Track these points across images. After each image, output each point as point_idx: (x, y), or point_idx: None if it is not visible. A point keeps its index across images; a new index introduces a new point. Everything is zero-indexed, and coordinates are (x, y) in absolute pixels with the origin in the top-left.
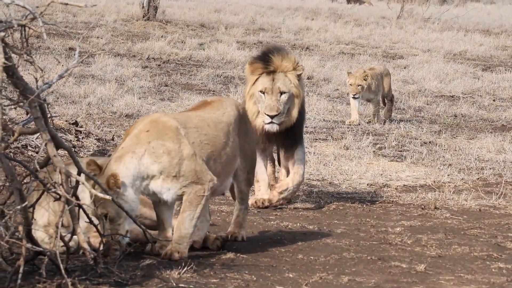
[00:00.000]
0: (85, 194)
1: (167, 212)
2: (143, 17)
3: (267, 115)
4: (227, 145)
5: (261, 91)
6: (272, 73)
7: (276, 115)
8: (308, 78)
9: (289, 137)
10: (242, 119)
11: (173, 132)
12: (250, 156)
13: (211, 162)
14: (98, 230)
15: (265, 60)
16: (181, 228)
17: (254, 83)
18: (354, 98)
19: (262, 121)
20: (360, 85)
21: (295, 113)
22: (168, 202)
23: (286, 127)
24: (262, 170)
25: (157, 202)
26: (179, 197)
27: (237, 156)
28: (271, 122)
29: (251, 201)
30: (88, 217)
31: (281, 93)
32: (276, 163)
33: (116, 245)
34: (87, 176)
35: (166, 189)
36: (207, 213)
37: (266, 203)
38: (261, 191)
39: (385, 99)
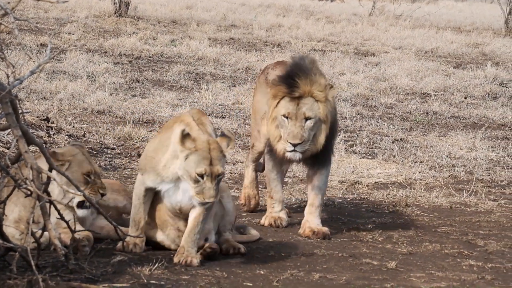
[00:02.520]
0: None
1: None
2: (115, 13)
3: (290, 143)
4: None
5: (284, 116)
6: (298, 97)
7: (299, 143)
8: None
9: (313, 161)
10: None
11: None
12: None
13: None
14: (69, 226)
15: (290, 84)
16: (195, 232)
17: (276, 105)
18: None
19: (283, 148)
20: None
21: (321, 139)
22: None
23: (311, 154)
24: (278, 188)
25: None
26: None
27: None
28: (294, 150)
29: (267, 220)
30: (59, 213)
31: (307, 119)
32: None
33: (84, 241)
34: (58, 172)
35: None
36: None
37: (284, 223)
38: (275, 209)
39: None
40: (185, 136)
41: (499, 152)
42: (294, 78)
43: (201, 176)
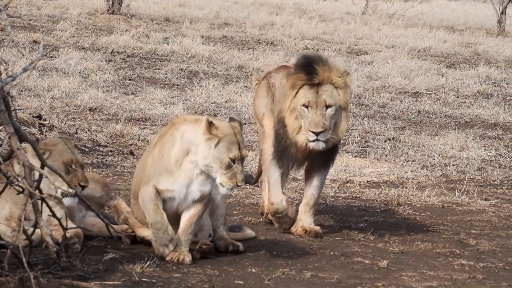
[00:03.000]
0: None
1: None
2: (108, 10)
3: (312, 132)
4: None
5: (303, 105)
6: (317, 85)
7: (322, 132)
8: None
9: (324, 156)
10: None
11: None
12: None
13: None
14: (60, 223)
15: (309, 71)
16: (188, 232)
17: (295, 96)
18: None
19: (305, 138)
20: None
21: (343, 128)
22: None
23: (333, 144)
24: (279, 191)
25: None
26: None
27: None
28: (317, 140)
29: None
30: (51, 210)
31: (327, 106)
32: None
33: (74, 238)
34: (51, 169)
35: None
36: None
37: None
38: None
39: None
40: (210, 124)
41: (491, 152)
42: (312, 65)
43: (233, 160)
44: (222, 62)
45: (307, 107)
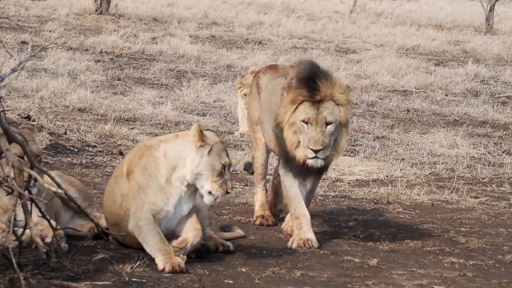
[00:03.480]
0: None
1: None
2: (96, 11)
3: (311, 149)
4: None
5: (303, 121)
6: (318, 102)
7: (321, 149)
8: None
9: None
10: None
11: None
12: None
13: None
14: (50, 224)
15: (312, 87)
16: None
17: (294, 110)
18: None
19: (304, 155)
20: None
21: (343, 144)
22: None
23: (332, 160)
24: (301, 205)
25: None
26: None
27: None
28: (315, 157)
29: (295, 243)
30: (40, 211)
31: (327, 123)
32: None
33: (58, 238)
34: (40, 170)
35: None
36: None
37: (315, 245)
38: (303, 229)
39: None
40: (201, 132)
41: (480, 149)
42: (315, 81)
43: (224, 167)
44: (210, 62)
45: (306, 123)
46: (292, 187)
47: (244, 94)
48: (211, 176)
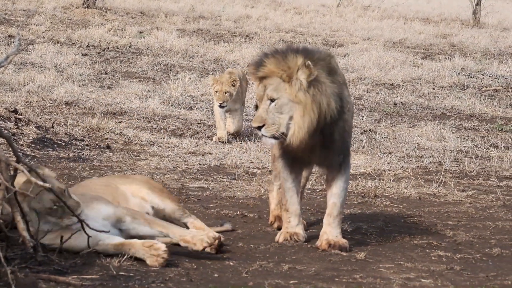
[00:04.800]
0: None
1: None
2: (83, 4)
3: (254, 127)
4: None
5: (258, 101)
6: (265, 78)
7: (260, 126)
8: (248, 66)
9: (326, 163)
10: None
11: None
12: None
13: None
14: (26, 222)
15: (257, 64)
16: None
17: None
18: (221, 107)
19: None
20: (228, 91)
21: (301, 123)
22: None
23: (300, 140)
24: (294, 200)
25: None
26: None
27: None
28: (263, 136)
29: (282, 236)
30: (20, 207)
31: (271, 100)
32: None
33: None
34: (26, 165)
35: None
36: None
37: (301, 239)
38: (291, 224)
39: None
40: None
41: (468, 143)
42: (262, 57)
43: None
44: (197, 55)
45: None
46: (287, 180)
47: (216, 91)
48: None
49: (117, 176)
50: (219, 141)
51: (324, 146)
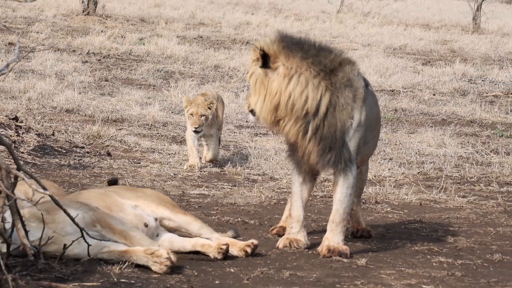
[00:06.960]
0: None
1: None
2: (83, 12)
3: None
4: None
5: None
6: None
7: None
8: None
9: (329, 165)
10: None
11: None
12: None
13: None
14: (25, 231)
15: None
16: None
17: None
18: (196, 132)
19: None
20: (203, 115)
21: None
22: None
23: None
24: (297, 204)
25: None
26: None
27: None
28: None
29: (282, 243)
30: (19, 213)
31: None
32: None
33: None
34: (26, 172)
35: None
36: None
37: (301, 246)
38: (293, 230)
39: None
40: None
41: (468, 149)
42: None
43: None
44: (198, 62)
45: None
46: (294, 184)
47: (190, 114)
48: None
49: (125, 188)
50: (191, 170)
51: (323, 148)
